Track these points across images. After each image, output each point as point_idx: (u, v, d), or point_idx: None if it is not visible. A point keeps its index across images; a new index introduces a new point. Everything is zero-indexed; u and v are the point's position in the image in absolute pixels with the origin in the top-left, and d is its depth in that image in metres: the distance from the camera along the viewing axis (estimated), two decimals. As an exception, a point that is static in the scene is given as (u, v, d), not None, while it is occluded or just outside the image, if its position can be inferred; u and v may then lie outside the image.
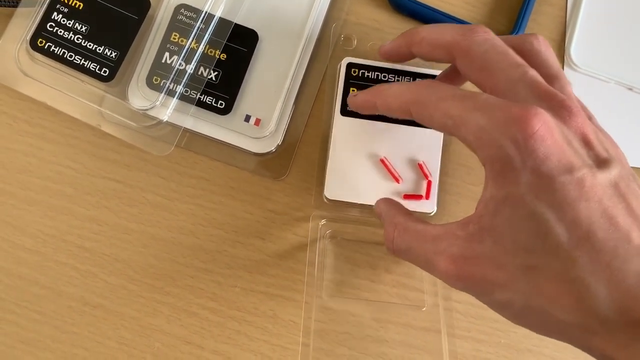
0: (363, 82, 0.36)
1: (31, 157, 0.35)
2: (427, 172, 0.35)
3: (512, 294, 0.24)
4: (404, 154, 0.35)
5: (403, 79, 0.36)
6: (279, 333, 0.35)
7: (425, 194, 0.35)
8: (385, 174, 0.35)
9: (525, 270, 0.23)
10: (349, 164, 0.35)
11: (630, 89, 0.39)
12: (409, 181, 0.35)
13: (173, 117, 0.35)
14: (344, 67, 0.36)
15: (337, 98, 0.36)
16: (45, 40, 0.34)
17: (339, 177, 0.35)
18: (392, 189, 0.35)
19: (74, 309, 0.35)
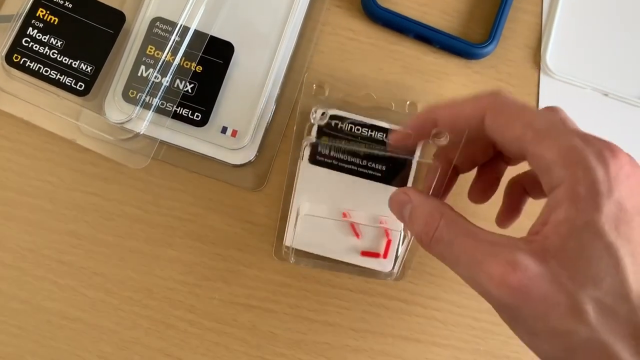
0: (335, 133, 0.35)
1: (9, 172, 0.35)
2: (388, 230, 0.35)
3: (574, 324, 0.22)
4: (368, 209, 0.35)
5: (376, 134, 0.35)
6: (258, 344, 0.35)
7: (384, 253, 0.35)
8: (347, 228, 0.35)
9: (593, 302, 0.22)
10: (312, 215, 0.35)
11: (606, 94, 0.39)
12: (369, 238, 0.35)
13: (149, 129, 0.35)
14: (317, 115, 0.35)
15: (307, 146, 0.35)
16: (20, 56, 0.34)
17: (300, 227, 0.35)
18: (351, 244, 0.35)
19: (53, 323, 0.35)
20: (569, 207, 0.22)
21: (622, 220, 0.22)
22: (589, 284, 0.22)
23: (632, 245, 0.22)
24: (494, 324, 0.36)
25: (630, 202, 0.22)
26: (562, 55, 0.39)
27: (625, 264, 0.21)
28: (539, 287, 0.22)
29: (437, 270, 0.36)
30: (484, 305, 0.36)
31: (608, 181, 0.22)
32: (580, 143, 0.23)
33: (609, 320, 0.21)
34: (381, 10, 0.37)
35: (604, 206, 0.22)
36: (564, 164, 0.23)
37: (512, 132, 0.25)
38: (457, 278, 0.36)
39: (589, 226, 0.22)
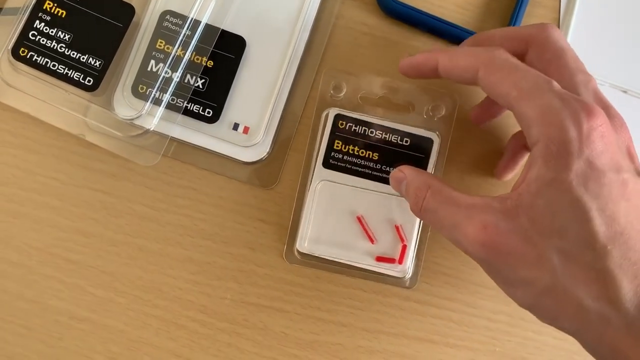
0: (350, 136, 0.35)
1: (15, 169, 0.35)
2: (403, 235, 0.34)
3: (538, 272, 0.24)
4: (382, 214, 0.34)
5: (391, 137, 0.35)
6: (270, 345, 0.34)
7: (399, 259, 0.34)
8: (361, 232, 0.34)
9: (557, 252, 0.24)
10: (325, 219, 0.34)
11: (625, 91, 0.38)
12: (383, 243, 0.34)
13: (160, 126, 0.34)
14: (331, 118, 0.35)
15: (321, 149, 0.35)
16: (27, 50, 0.33)
17: (313, 230, 0.34)
18: (365, 249, 0.34)
19: (60, 323, 0.34)
20: (541, 165, 0.25)
21: (591, 178, 0.24)
22: (554, 236, 0.24)
23: (600, 201, 0.24)
24: (510, 325, 0.35)
25: (600, 160, 0.24)
26: (581, 50, 0.38)
27: (592, 217, 0.24)
28: (507, 242, 0.25)
29: (452, 270, 0.36)
30: (499, 306, 0.35)
31: (579, 140, 0.24)
32: (558, 103, 0.25)
33: (572, 267, 0.24)
34: (396, 3, 0.36)
35: (573, 164, 0.24)
36: (541, 122, 0.25)
37: (501, 89, 0.27)
38: (473, 278, 0.36)
39: (557, 183, 0.24)
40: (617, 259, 0.24)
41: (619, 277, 0.24)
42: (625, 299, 0.23)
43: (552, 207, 0.24)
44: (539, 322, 0.35)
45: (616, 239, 0.24)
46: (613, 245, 0.24)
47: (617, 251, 0.24)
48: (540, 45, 0.29)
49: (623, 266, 0.24)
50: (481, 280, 0.36)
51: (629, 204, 0.24)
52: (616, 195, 0.24)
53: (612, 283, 0.24)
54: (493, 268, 0.26)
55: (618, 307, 0.24)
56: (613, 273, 0.24)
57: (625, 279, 0.24)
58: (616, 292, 0.24)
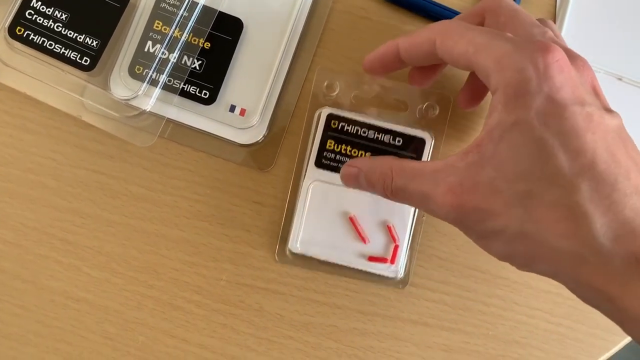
0: (343, 136, 0.35)
1: (11, 149, 0.35)
2: (395, 235, 0.34)
3: (505, 220, 0.24)
4: (374, 214, 0.34)
5: (384, 136, 0.35)
6: (266, 326, 0.34)
7: (391, 259, 0.34)
8: (353, 233, 0.34)
9: (522, 195, 0.24)
10: (317, 219, 0.34)
11: (620, 78, 0.38)
12: (376, 243, 0.34)
13: (156, 107, 0.34)
14: (323, 117, 0.35)
15: (313, 148, 0.35)
16: (24, 29, 0.33)
17: (305, 231, 0.34)
18: (358, 249, 0.34)
19: (56, 303, 0.34)
20: (502, 110, 0.24)
21: (551, 114, 0.23)
22: (519, 180, 0.24)
23: (563, 136, 0.23)
24: (504, 309, 0.36)
25: (561, 94, 0.24)
26: (576, 38, 0.38)
27: (555, 153, 0.23)
28: (473, 198, 0.25)
29: (447, 254, 0.36)
30: (493, 289, 0.36)
31: (537, 78, 0.24)
32: (512, 48, 0.25)
33: (539, 209, 0.23)
34: (394, -12, 0.36)
35: (533, 103, 0.23)
36: (498, 69, 0.25)
37: (458, 50, 0.27)
38: (467, 262, 0.36)
39: (518, 125, 0.24)
40: (587, 192, 0.23)
41: (590, 211, 0.23)
42: (599, 233, 0.23)
43: (515, 151, 0.24)
44: (531, 306, 0.36)
45: (584, 173, 0.23)
46: (581, 179, 0.23)
47: (586, 185, 0.23)
48: (493, 11, 0.29)
49: (594, 200, 0.23)
50: (475, 265, 0.36)
51: (596, 137, 0.23)
52: (581, 128, 0.23)
53: (583, 218, 0.23)
54: (466, 226, 0.26)
55: (591, 243, 0.23)
56: (583, 208, 0.23)
57: (597, 213, 0.23)
58: (588, 227, 0.23)
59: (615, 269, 0.23)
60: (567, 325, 0.36)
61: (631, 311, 0.23)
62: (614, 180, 0.23)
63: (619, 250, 0.23)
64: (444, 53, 0.28)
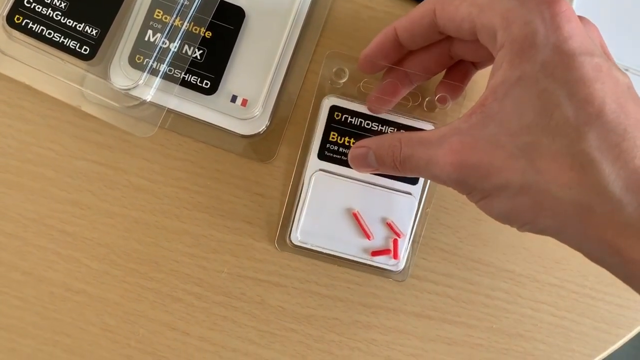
0: (345, 128, 0.34)
1: (10, 139, 0.34)
2: (397, 230, 0.34)
3: (508, 174, 0.23)
4: (376, 208, 0.34)
5: (387, 128, 0.34)
6: (267, 319, 0.34)
7: (393, 253, 0.34)
8: (355, 226, 0.34)
9: (526, 148, 0.23)
10: (319, 211, 0.34)
11: (626, 69, 0.38)
12: (378, 237, 0.34)
13: (156, 97, 0.34)
14: (326, 109, 0.34)
15: (316, 140, 0.34)
16: (22, 17, 0.33)
17: (306, 223, 0.34)
18: (360, 243, 0.34)
19: (55, 295, 0.34)
20: (507, 67, 0.24)
21: (558, 65, 0.23)
22: (522, 133, 0.23)
23: (570, 85, 0.22)
24: (508, 302, 0.35)
25: (569, 44, 0.23)
26: (582, 28, 0.38)
27: (560, 102, 0.22)
28: (475, 155, 0.24)
29: (450, 246, 0.35)
30: (497, 282, 0.35)
31: (545, 29, 0.23)
32: (517, 2, 0.24)
33: (543, 159, 0.23)
34: (397, -23, 0.36)
35: (539, 55, 0.23)
36: (503, 26, 0.24)
37: (461, 14, 0.26)
38: (471, 255, 0.35)
39: (522, 80, 0.23)
40: (594, 141, 0.22)
41: (598, 159, 0.22)
42: (607, 182, 0.22)
43: (519, 105, 0.23)
44: (536, 299, 0.35)
45: (592, 122, 0.22)
46: (589, 128, 0.22)
47: (594, 133, 0.22)
48: None
49: (602, 148, 0.22)
50: (479, 257, 0.35)
51: (605, 87, 0.23)
52: (589, 77, 0.22)
53: (590, 167, 0.22)
54: (468, 186, 0.25)
55: (600, 192, 0.22)
56: (590, 156, 0.22)
57: (605, 161, 0.22)
58: (596, 176, 0.22)
59: (625, 219, 0.22)
60: (572, 319, 0.35)
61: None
62: (623, 130, 0.22)
63: (630, 200, 0.22)
64: (445, 21, 0.27)
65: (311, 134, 0.35)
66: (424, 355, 0.35)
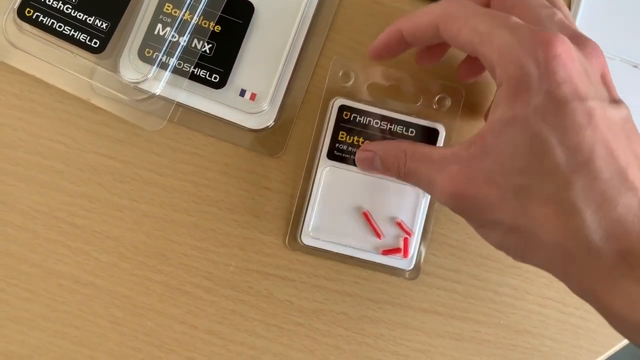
0: (354, 127, 0.34)
1: (20, 132, 0.34)
2: (406, 229, 0.34)
3: (501, 213, 0.25)
4: (386, 206, 0.34)
5: (396, 127, 0.34)
6: (275, 313, 0.34)
7: (404, 251, 0.34)
8: (365, 225, 0.34)
9: (518, 190, 0.24)
10: (329, 210, 0.34)
11: (636, 66, 0.38)
12: (388, 236, 0.34)
13: (166, 90, 0.34)
14: (335, 108, 0.34)
15: (325, 139, 0.34)
16: (33, 10, 0.33)
17: (316, 221, 0.34)
18: (370, 241, 0.34)
19: (64, 287, 0.34)
20: (504, 105, 0.24)
21: (551, 111, 0.23)
22: (515, 174, 0.24)
23: (561, 132, 0.23)
24: (515, 298, 0.35)
25: (562, 90, 0.23)
26: (591, 25, 0.38)
27: (551, 148, 0.23)
28: (472, 188, 0.25)
29: (458, 242, 0.35)
30: (505, 279, 0.35)
31: (539, 74, 0.23)
32: (514, 40, 0.24)
33: (532, 203, 0.23)
34: (407, -28, 0.36)
35: (533, 99, 0.23)
36: (501, 63, 0.24)
37: (463, 38, 0.26)
38: (479, 251, 0.35)
39: (517, 121, 0.24)
40: (580, 190, 0.22)
41: (581, 208, 0.22)
42: (589, 231, 0.22)
43: (513, 146, 0.24)
44: (544, 295, 0.35)
45: (580, 170, 0.23)
46: (577, 176, 0.23)
47: (581, 182, 0.23)
48: None
49: (587, 197, 0.22)
50: (487, 253, 0.35)
51: (595, 133, 0.23)
52: (580, 124, 0.23)
53: (574, 215, 0.23)
54: (465, 214, 0.27)
55: (581, 240, 0.23)
56: (574, 204, 0.23)
57: (588, 210, 0.22)
58: (579, 224, 0.22)
59: (603, 267, 0.23)
60: (580, 315, 0.35)
61: (617, 310, 0.23)
62: (609, 176, 0.23)
63: (608, 249, 0.22)
64: (448, 40, 0.27)
65: (320, 134, 0.35)
66: (432, 350, 0.35)
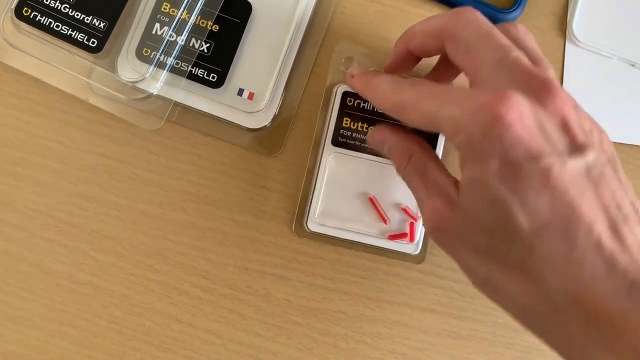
0: (358, 113, 0.34)
1: (18, 131, 0.34)
2: (412, 213, 0.34)
3: (474, 266, 0.25)
4: (391, 191, 0.34)
5: None
6: (273, 312, 0.34)
7: (410, 235, 0.34)
8: (371, 211, 0.34)
9: (488, 250, 0.24)
10: (335, 196, 0.34)
11: (633, 64, 0.38)
12: (394, 220, 0.34)
13: (163, 90, 0.34)
14: (339, 95, 0.34)
15: (330, 126, 0.34)
16: (30, 9, 0.33)
17: (323, 208, 0.34)
18: (377, 227, 0.34)
19: (62, 287, 0.34)
20: (464, 167, 0.24)
21: (506, 173, 0.23)
22: (485, 234, 0.24)
23: (519, 196, 0.23)
24: (513, 296, 0.35)
25: (514, 152, 0.22)
26: (589, 23, 0.38)
27: (513, 212, 0.22)
28: (452, 232, 0.25)
29: (456, 241, 0.35)
30: (503, 277, 0.35)
31: (487, 140, 0.23)
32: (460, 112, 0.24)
33: (501, 265, 0.24)
34: (404, -29, 0.36)
35: (488, 163, 0.23)
36: (453, 131, 0.24)
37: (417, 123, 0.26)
38: (477, 249, 0.35)
39: (476, 183, 0.24)
40: (544, 253, 0.22)
41: (546, 274, 0.22)
42: (556, 296, 0.22)
43: (479, 209, 0.24)
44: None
45: (542, 233, 0.22)
46: (539, 240, 0.22)
47: (544, 245, 0.22)
48: (451, 39, 0.27)
49: (551, 261, 0.22)
50: (485, 252, 0.35)
51: (554, 192, 0.22)
52: (537, 186, 0.22)
53: (540, 281, 0.23)
54: (444, 249, 0.27)
55: (550, 304, 0.23)
56: (538, 270, 0.23)
57: (552, 275, 0.22)
58: (546, 289, 0.23)
59: (571, 332, 0.22)
60: (577, 314, 0.35)
61: None
62: (572, 237, 0.22)
63: (575, 314, 0.22)
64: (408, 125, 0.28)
65: (324, 121, 0.35)
66: (430, 349, 0.35)
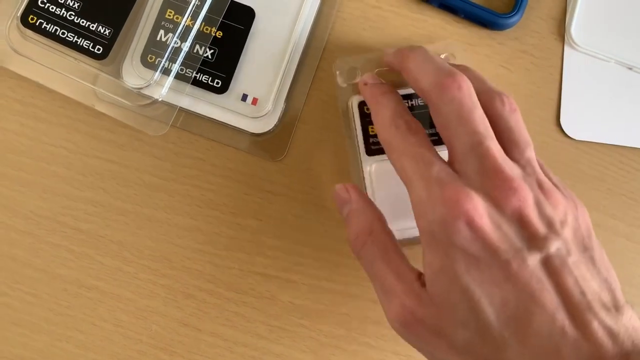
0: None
1: (23, 137, 0.35)
2: None
3: (453, 358, 0.25)
4: None
5: (417, 101, 0.34)
6: (278, 315, 0.35)
7: None
8: None
9: (463, 344, 0.24)
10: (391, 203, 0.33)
11: (630, 68, 0.38)
12: None
13: (168, 96, 0.34)
14: (355, 107, 0.34)
15: (359, 139, 0.34)
16: (36, 17, 0.33)
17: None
18: None
19: (68, 292, 0.34)
20: (428, 252, 0.25)
21: (471, 265, 0.23)
22: (459, 326, 0.24)
23: (485, 289, 0.23)
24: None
25: (473, 248, 0.23)
26: (587, 27, 0.38)
27: (483, 305, 0.23)
28: (422, 330, 0.25)
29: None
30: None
31: (446, 234, 0.24)
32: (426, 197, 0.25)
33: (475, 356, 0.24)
34: (405, -23, 0.36)
35: (451, 253, 0.24)
36: (417, 214, 0.25)
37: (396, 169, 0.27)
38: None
39: (444, 271, 0.24)
40: (516, 347, 0.23)
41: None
42: None
43: (449, 297, 0.24)
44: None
45: (511, 325, 0.23)
46: (510, 333, 0.23)
47: (515, 339, 0.23)
48: (433, 110, 0.27)
49: (523, 355, 0.23)
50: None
51: (517, 286, 0.23)
52: (499, 280, 0.23)
53: None
54: (412, 344, 0.26)
55: None
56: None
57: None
58: None
59: None
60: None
61: None
62: (537, 328, 0.23)
63: None
64: None
65: (353, 138, 0.35)
66: (433, 350, 0.35)
